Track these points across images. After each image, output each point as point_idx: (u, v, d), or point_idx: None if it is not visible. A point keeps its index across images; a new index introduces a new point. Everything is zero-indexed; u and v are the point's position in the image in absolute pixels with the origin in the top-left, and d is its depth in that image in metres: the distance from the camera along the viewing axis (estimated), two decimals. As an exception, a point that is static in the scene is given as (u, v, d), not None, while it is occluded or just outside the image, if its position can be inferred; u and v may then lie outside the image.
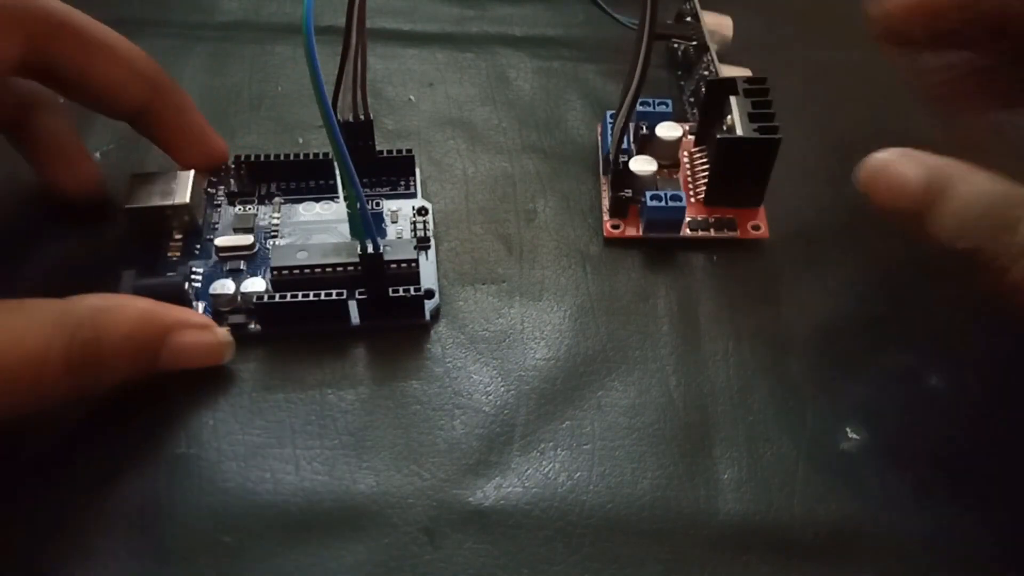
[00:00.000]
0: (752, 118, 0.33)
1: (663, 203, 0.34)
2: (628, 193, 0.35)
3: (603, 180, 0.37)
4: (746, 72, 0.37)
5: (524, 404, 0.31)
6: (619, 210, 0.36)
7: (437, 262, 0.35)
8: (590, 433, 0.30)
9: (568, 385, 0.32)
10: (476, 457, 0.30)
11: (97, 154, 0.38)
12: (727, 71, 0.37)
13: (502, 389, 0.31)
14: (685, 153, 0.38)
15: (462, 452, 0.30)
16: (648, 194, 0.34)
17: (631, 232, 0.36)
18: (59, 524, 0.28)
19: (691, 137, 0.38)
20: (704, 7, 0.40)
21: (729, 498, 0.29)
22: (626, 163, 0.35)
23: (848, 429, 0.31)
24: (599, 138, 0.39)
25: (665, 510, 0.29)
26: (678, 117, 0.38)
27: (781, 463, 0.30)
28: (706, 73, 0.38)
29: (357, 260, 0.31)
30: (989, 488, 0.29)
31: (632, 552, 0.28)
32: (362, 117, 0.34)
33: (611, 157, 0.35)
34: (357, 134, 0.34)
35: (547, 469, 0.30)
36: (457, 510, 0.29)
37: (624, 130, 0.34)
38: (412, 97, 0.41)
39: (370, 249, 0.30)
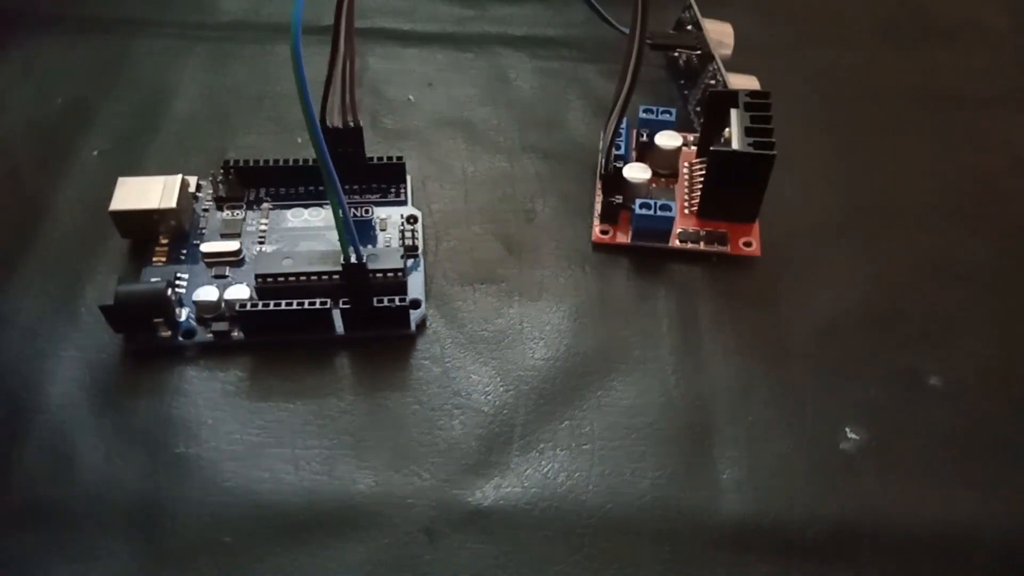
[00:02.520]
0: (749, 132, 0.33)
1: (651, 212, 0.34)
2: (619, 199, 0.35)
3: (599, 184, 0.37)
4: (753, 80, 0.37)
5: (523, 404, 0.31)
6: (610, 216, 0.36)
7: (426, 271, 0.34)
8: (589, 433, 0.30)
9: (567, 385, 0.32)
10: (475, 457, 0.30)
11: (95, 152, 0.38)
12: (735, 80, 0.37)
13: (501, 389, 0.31)
14: (686, 164, 0.38)
15: (462, 452, 0.30)
16: (638, 202, 0.34)
17: (621, 239, 0.35)
18: (59, 524, 0.28)
19: (695, 148, 0.38)
20: (701, 7, 0.40)
21: (729, 498, 0.29)
22: (619, 169, 0.35)
23: (848, 429, 0.31)
24: (601, 143, 0.39)
25: (665, 510, 0.29)
26: (684, 126, 0.38)
27: (781, 463, 0.30)
28: (712, 82, 0.38)
29: (340, 270, 0.31)
30: (989, 488, 0.29)
31: (632, 552, 0.28)
32: (351, 123, 0.34)
33: (603, 162, 0.35)
34: (346, 140, 0.34)
35: (546, 469, 0.30)
36: (457, 510, 0.29)
37: (615, 136, 0.34)
38: (412, 97, 0.41)
39: (353, 259, 0.30)
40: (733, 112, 0.34)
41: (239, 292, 0.32)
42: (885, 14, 0.46)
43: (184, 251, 0.34)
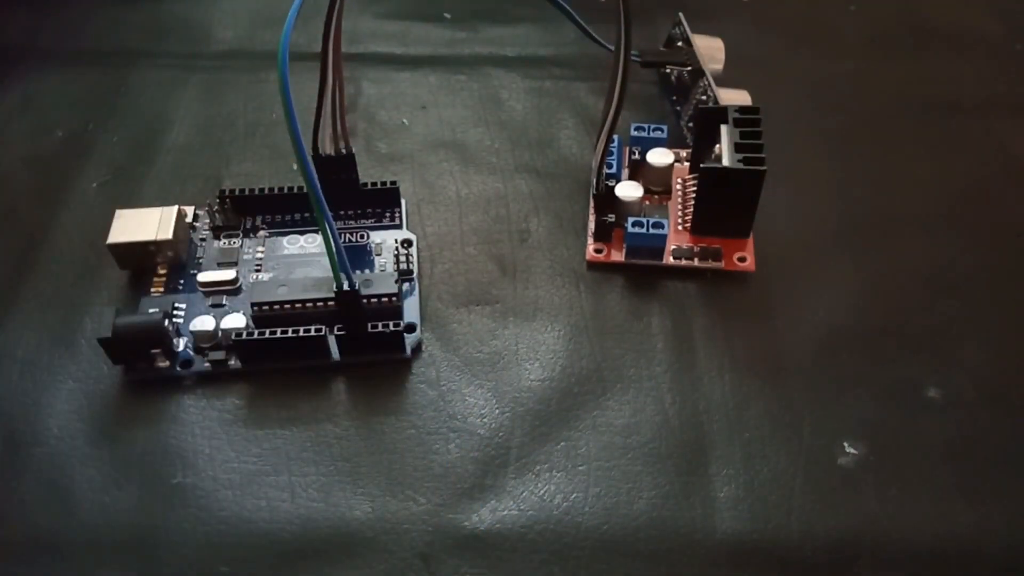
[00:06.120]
0: (739, 148, 0.33)
1: (644, 230, 0.34)
2: (611, 218, 0.35)
3: (592, 203, 0.37)
4: (744, 95, 0.37)
5: (519, 426, 0.31)
6: (603, 234, 0.36)
7: (421, 294, 0.35)
8: (585, 454, 0.30)
9: (563, 406, 0.32)
10: (471, 481, 0.30)
11: (95, 184, 0.39)
12: (726, 95, 0.37)
13: (497, 411, 0.31)
14: (679, 180, 0.38)
15: (457, 476, 0.30)
16: (630, 220, 0.34)
17: (615, 257, 0.35)
18: (57, 556, 0.28)
19: (687, 164, 0.38)
20: (692, 22, 0.40)
21: (726, 516, 0.29)
22: (610, 188, 0.35)
23: (845, 444, 0.30)
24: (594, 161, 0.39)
25: (661, 530, 0.29)
26: (677, 142, 0.38)
27: (778, 480, 0.30)
28: (703, 98, 0.38)
29: (334, 296, 0.31)
30: (989, 501, 0.29)
31: (628, 573, 0.28)
32: (343, 150, 0.34)
33: (594, 180, 0.35)
34: (339, 167, 0.35)
35: (542, 491, 0.29)
36: (453, 535, 0.28)
37: (605, 155, 0.34)
38: (405, 120, 0.42)
39: (345, 286, 0.30)
40: (723, 128, 0.34)
41: (235, 321, 0.32)
42: (877, 22, 0.46)
43: (182, 281, 0.35)
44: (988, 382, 0.32)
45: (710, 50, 0.39)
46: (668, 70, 0.41)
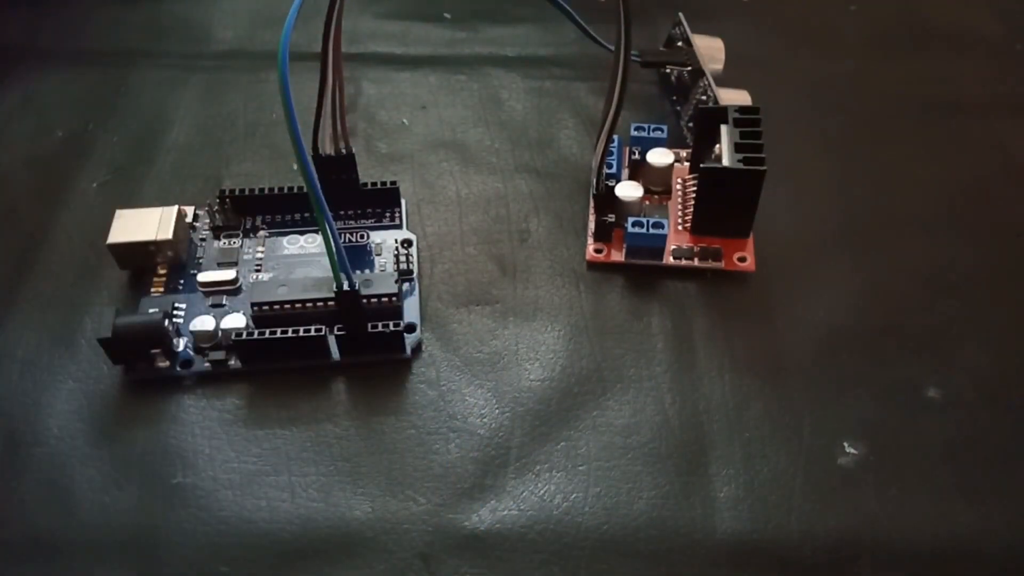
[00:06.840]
0: (739, 148, 0.33)
1: (644, 230, 0.34)
2: (611, 218, 0.35)
3: (592, 203, 0.37)
4: (744, 95, 0.37)
5: (519, 426, 0.31)
6: (603, 234, 0.36)
7: (421, 294, 0.35)
8: (585, 454, 0.30)
9: (563, 406, 0.32)
10: (471, 481, 0.30)
11: (95, 184, 0.39)
12: (726, 95, 0.37)
13: (497, 411, 0.31)
14: (679, 180, 0.38)
15: (457, 476, 0.30)
16: (630, 220, 0.34)
17: (615, 257, 0.35)
18: (57, 556, 0.28)
19: (687, 164, 0.38)
20: (692, 22, 0.40)
21: (726, 516, 0.29)
22: (610, 188, 0.35)
23: (845, 444, 0.30)
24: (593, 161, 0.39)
25: (661, 530, 0.29)
26: (677, 142, 0.38)
27: (778, 480, 0.30)
28: (703, 98, 0.38)
29: (334, 296, 0.31)
30: (989, 501, 0.29)
31: (628, 573, 0.28)
32: (343, 150, 0.34)
33: (594, 180, 0.35)
34: (339, 167, 0.35)
35: (542, 491, 0.29)
36: (453, 535, 0.28)
37: (605, 155, 0.34)
38: (405, 120, 0.42)
39: (345, 286, 0.30)
40: (723, 128, 0.34)
41: (235, 321, 0.32)
42: (877, 22, 0.46)
43: (181, 281, 0.35)
44: (988, 382, 0.32)
45: (710, 50, 0.39)
46: (668, 70, 0.41)
